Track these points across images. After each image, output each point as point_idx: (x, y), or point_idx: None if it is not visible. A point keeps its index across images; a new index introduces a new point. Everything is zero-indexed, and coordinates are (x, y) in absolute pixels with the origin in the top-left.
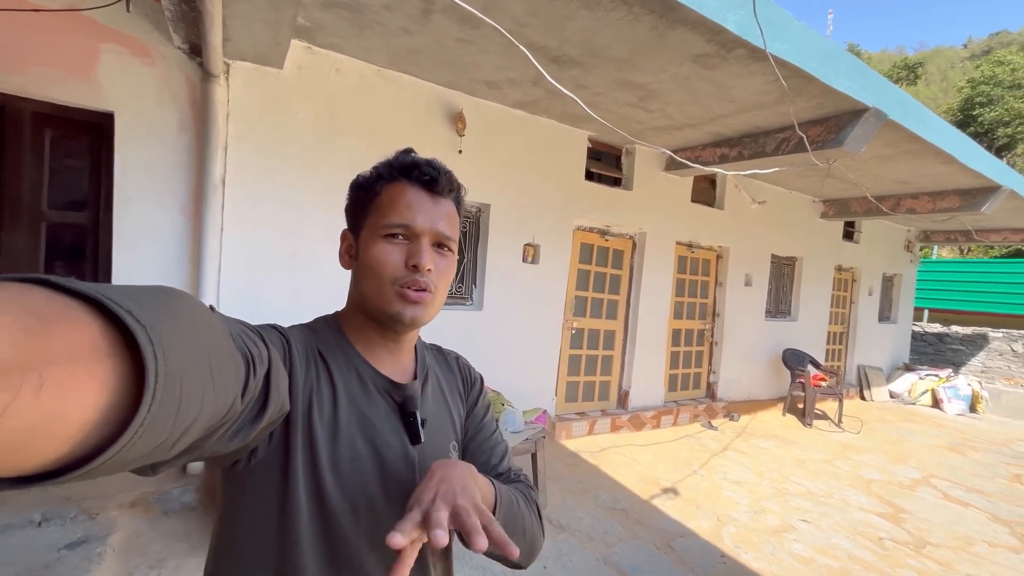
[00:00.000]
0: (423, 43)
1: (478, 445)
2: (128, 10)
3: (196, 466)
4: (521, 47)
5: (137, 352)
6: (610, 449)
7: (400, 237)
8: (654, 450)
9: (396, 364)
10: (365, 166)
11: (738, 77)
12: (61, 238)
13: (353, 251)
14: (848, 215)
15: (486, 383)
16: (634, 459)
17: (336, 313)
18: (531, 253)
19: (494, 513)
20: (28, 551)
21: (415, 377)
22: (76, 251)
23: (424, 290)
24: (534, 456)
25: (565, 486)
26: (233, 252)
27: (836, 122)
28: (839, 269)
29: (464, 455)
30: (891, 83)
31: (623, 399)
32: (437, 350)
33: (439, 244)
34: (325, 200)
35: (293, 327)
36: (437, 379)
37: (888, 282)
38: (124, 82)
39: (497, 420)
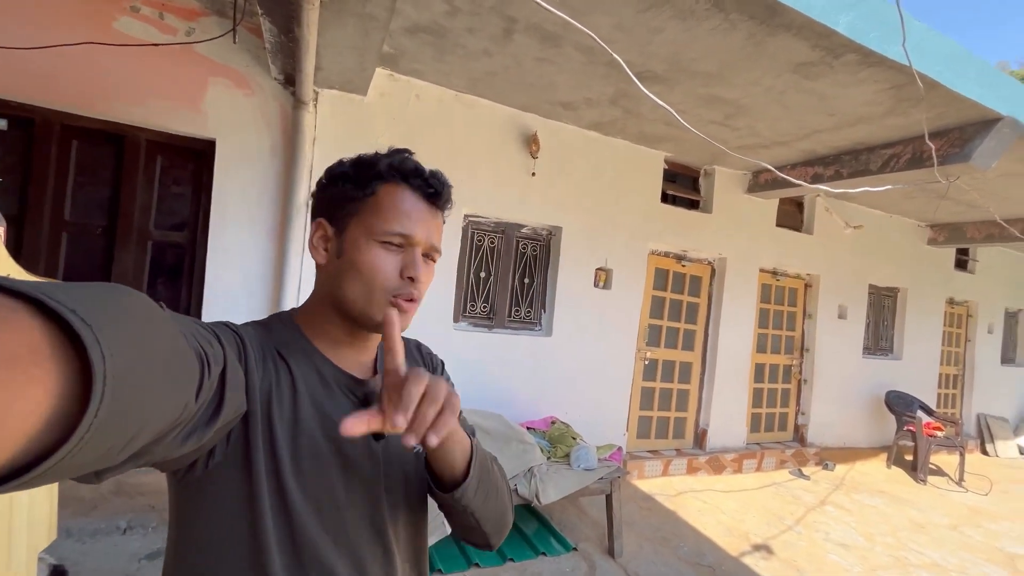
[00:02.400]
0: (501, 65)
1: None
2: (235, 41)
3: None
4: (616, 56)
5: (83, 353)
6: (688, 493)
7: (395, 245)
8: (738, 498)
9: (357, 361)
10: None
11: (844, 87)
12: (164, 256)
13: (330, 245)
14: (962, 241)
15: (554, 414)
16: (716, 506)
17: (292, 311)
18: (603, 278)
19: (468, 465)
20: (112, 558)
21: (375, 372)
22: (176, 268)
23: (412, 300)
24: (609, 497)
25: (641, 532)
26: (312, 272)
27: (960, 134)
28: (951, 303)
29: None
30: None
31: (700, 438)
32: (413, 346)
33: (426, 254)
34: None
35: (247, 324)
36: None
37: (1012, 319)
38: (227, 112)
39: (568, 455)
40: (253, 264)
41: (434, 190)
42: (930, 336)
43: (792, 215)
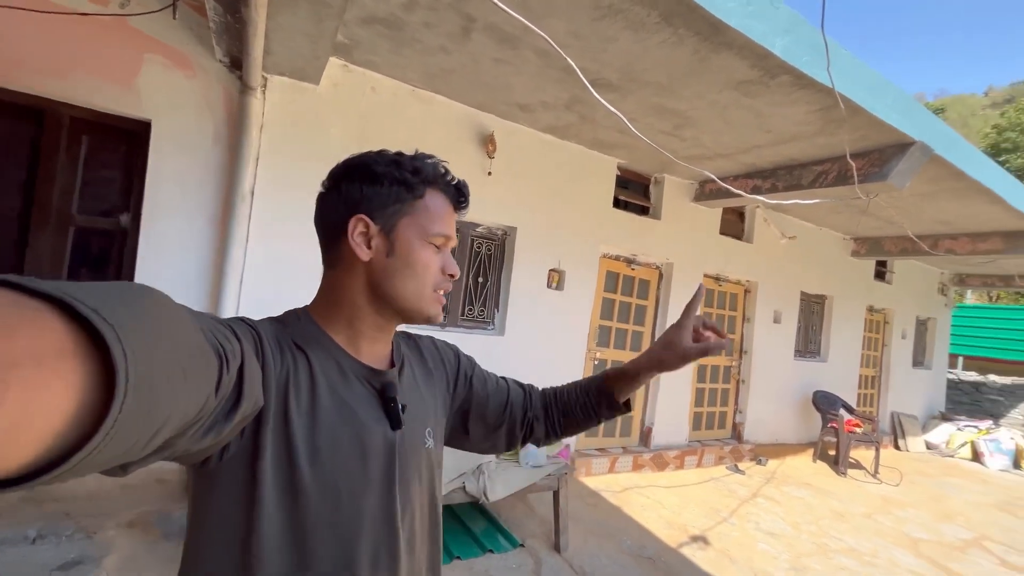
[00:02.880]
0: (459, 63)
1: (489, 394)
2: (175, 17)
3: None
4: (571, 63)
5: (105, 352)
6: (632, 489)
7: (437, 246)
8: (679, 492)
9: (374, 353)
10: None
11: (779, 106)
12: (88, 244)
13: (373, 243)
14: (881, 254)
15: None
16: (658, 502)
17: (305, 307)
18: (556, 279)
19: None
20: (20, 570)
21: (392, 364)
22: (102, 257)
23: (447, 292)
24: (556, 494)
25: (587, 528)
26: (256, 264)
27: (880, 155)
28: (871, 310)
29: (474, 412)
30: (937, 118)
31: (646, 436)
32: (407, 336)
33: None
34: None
35: (262, 320)
36: (411, 367)
37: (922, 326)
38: (164, 92)
39: (517, 453)
40: (191, 254)
41: (466, 202)
42: (852, 340)
43: (734, 224)
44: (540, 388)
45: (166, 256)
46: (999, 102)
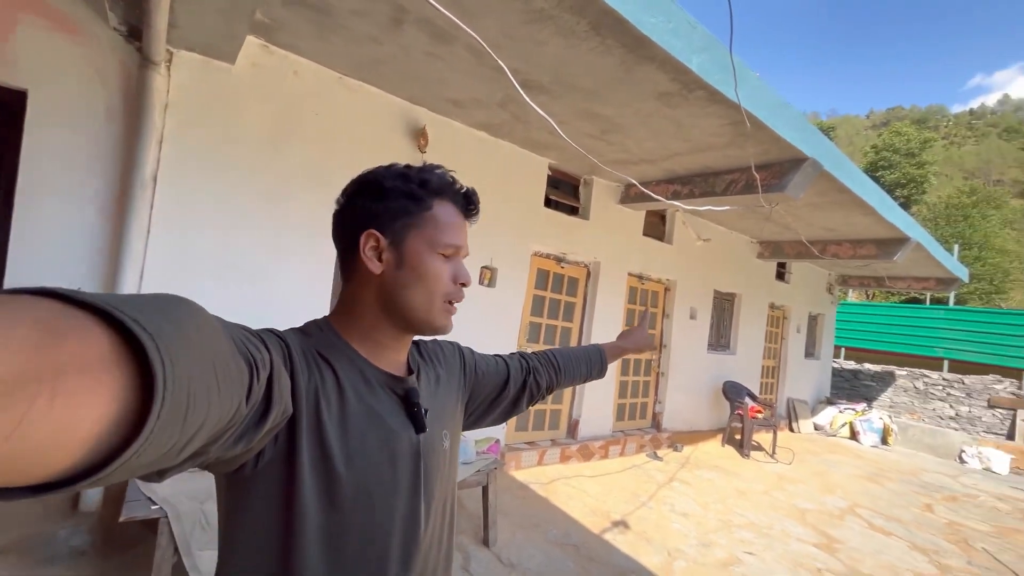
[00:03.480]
0: (390, 54)
1: (488, 376)
2: None
3: (90, 502)
4: (502, 64)
5: (144, 360)
6: (559, 480)
7: (447, 256)
8: (603, 481)
9: (393, 361)
10: (320, 174)
11: (695, 117)
12: None
13: (384, 256)
14: (781, 256)
15: None
16: (584, 491)
17: (327, 318)
18: (488, 276)
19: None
20: None
21: (409, 371)
22: None
23: (458, 301)
24: (485, 489)
25: (515, 521)
26: (159, 257)
27: (780, 168)
28: (772, 307)
29: (483, 396)
30: (825, 137)
31: (573, 428)
32: (414, 343)
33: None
34: (272, 207)
35: (288, 331)
36: (425, 372)
37: (813, 321)
38: (44, 60)
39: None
40: (80, 244)
41: (476, 212)
42: (757, 334)
43: (656, 226)
44: (536, 352)
45: (47, 245)
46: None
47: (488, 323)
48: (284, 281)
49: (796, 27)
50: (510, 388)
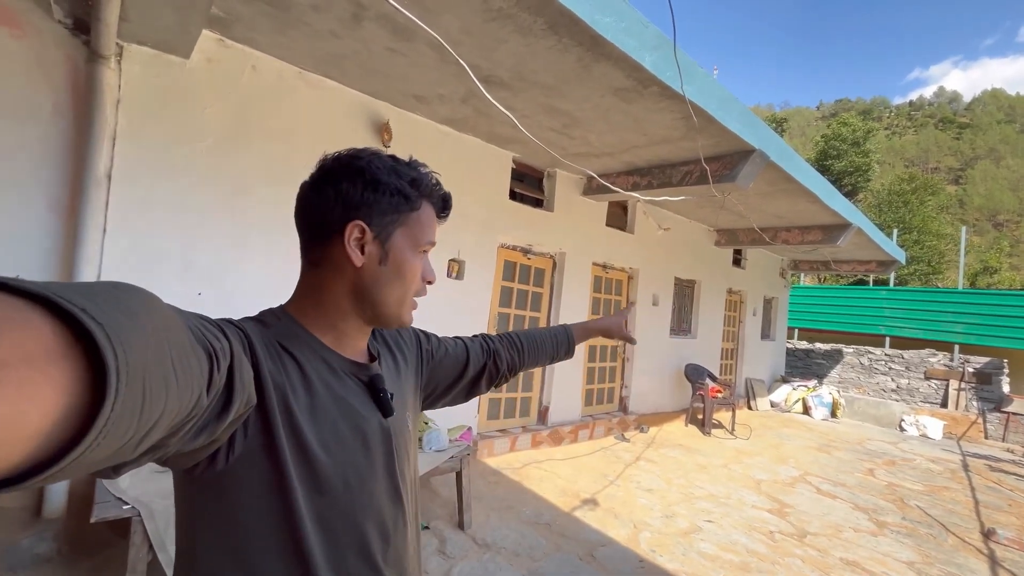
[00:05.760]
0: (351, 49)
1: (447, 359)
2: None
3: (54, 510)
4: (461, 61)
5: (95, 351)
6: (531, 465)
7: (423, 253)
8: (573, 464)
9: (356, 348)
10: (283, 171)
11: (651, 112)
12: None
13: (367, 248)
14: (737, 244)
15: None
16: (555, 473)
17: (283, 307)
18: (455, 268)
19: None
20: None
21: (371, 358)
22: None
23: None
24: (459, 475)
25: (489, 504)
26: (117, 257)
27: (730, 160)
28: (730, 292)
29: (441, 379)
30: (771, 130)
31: (543, 415)
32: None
33: None
34: (233, 204)
35: (244, 319)
36: (385, 358)
37: (768, 304)
38: None
39: (421, 439)
40: (29, 245)
41: (447, 210)
42: (716, 318)
43: (618, 216)
44: (497, 333)
45: None
46: (827, 115)
47: (457, 315)
48: (248, 280)
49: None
50: (469, 370)
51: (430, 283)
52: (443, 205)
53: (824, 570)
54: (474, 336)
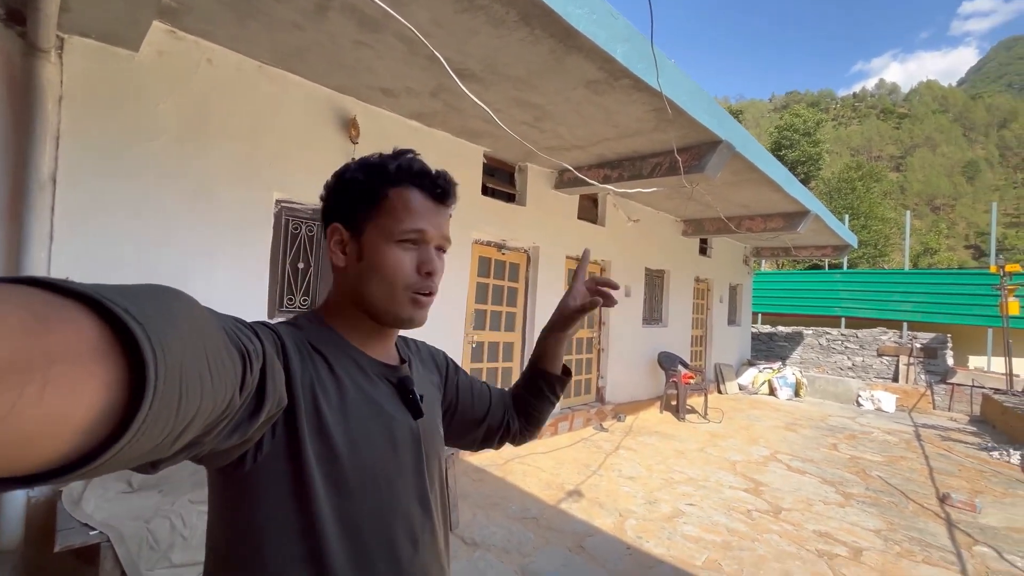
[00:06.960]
0: (315, 41)
1: (473, 398)
2: None
3: (9, 540)
4: (437, 54)
5: (135, 350)
6: (514, 460)
7: (411, 243)
8: (555, 456)
9: (384, 350)
10: (248, 170)
11: (622, 104)
12: None
13: (347, 248)
14: (703, 233)
15: None
16: (538, 467)
17: (316, 310)
18: None
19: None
20: None
21: (401, 360)
22: None
23: (430, 294)
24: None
25: (475, 502)
26: (67, 265)
27: (698, 151)
28: (697, 280)
29: (458, 414)
30: (736, 121)
31: None
32: (402, 338)
33: (439, 247)
34: (195, 207)
35: (279, 323)
36: (415, 363)
37: (733, 291)
38: None
39: None
40: None
41: (441, 189)
42: (685, 307)
43: (589, 209)
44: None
45: None
46: (779, 107)
47: (433, 313)
48: (216, 283)
49: (704, 14)
50: (492, 414)
51: (430, 274)
52: (428, 183)
53: (799, 543)
54: (499, 389)
